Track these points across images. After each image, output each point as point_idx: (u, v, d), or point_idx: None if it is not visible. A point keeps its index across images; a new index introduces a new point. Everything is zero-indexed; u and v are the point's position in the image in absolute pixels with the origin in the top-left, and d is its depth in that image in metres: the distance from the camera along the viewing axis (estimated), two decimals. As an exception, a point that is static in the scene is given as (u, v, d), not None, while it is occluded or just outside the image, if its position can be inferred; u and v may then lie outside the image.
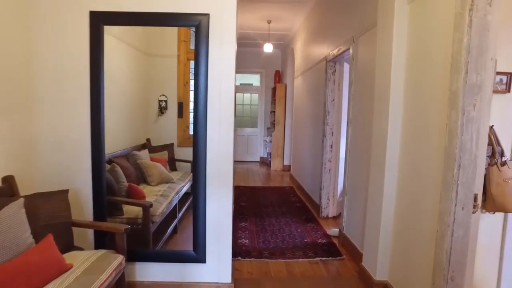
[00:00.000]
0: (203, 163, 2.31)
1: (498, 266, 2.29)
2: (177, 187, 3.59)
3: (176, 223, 3.53)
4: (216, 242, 2.42)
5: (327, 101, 4.28)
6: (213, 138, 2.26)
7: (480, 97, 1.66)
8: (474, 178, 1.71)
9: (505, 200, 1.99)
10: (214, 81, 2.18)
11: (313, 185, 4.98)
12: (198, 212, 2.39)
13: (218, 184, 2.37)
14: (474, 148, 1.69)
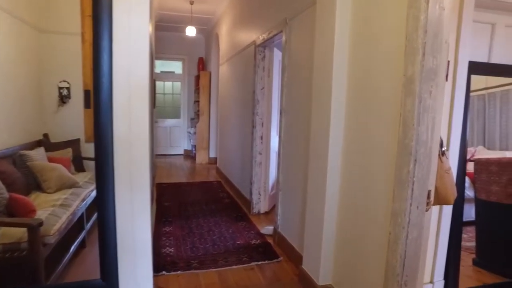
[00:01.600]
0: (108, 163, 1.77)
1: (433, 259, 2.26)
2: (83, 192, 2.94)
3: (84, 235, 2.89)
4: (131, 261, 1.93)
5: (256, 89, 3.98)
6: (121, 132, 1.74)
7: (436, 84, 1.49)
8: (428, 173, 1.55)
9: (447, 192, 1.91)
10: (121, 59, 1.67)
11: (242, 180, 4.69)
12: (104, 228, 1.85)
13: (131, 187, 1.86)
14: (430, 140, 1.52)
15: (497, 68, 2.45)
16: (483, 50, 2.45)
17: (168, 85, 8.72)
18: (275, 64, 4.01)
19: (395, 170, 1.59)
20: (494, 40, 2.47)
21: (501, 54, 2.49)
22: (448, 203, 1.93)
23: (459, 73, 2.12)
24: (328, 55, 2.10)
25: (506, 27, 2.49)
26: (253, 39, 4.06)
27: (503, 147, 2.98)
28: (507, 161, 2.73)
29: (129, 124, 1.73)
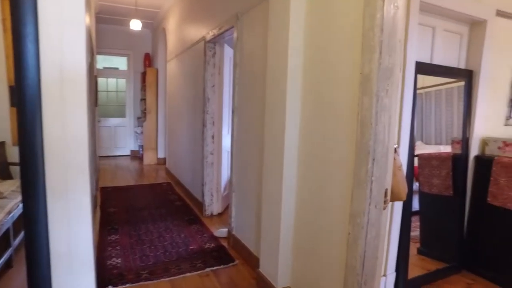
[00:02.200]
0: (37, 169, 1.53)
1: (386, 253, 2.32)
2: (9, 203, 2.59)
3: (11, 254, 2.54)
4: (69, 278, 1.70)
5: (207, 87, 3.83)
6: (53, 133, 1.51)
7: (391, 82, 1.49)
8: (386, 172, 1.56)
9: (399, 189, 1.95)
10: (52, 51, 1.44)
11: (193, 181, 4.51)
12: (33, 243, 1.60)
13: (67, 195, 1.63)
14: (387, 138, 1.52)
15: (440, 69, 2.58)
16: (426, 51, 2.56)
17: (112, 82, 8.17)
18: (226, 61, 3.89)
19: (353, 169, 1.57)
20: (435, 43, 2.59)
21: (440, 56, 2.63)
22: (401, 199, 1.97)
23: (408, 72, 2.19)
24: (282, 53, 2.04)
25: (444, 31, 2.63)
26: (202, 35, 3.90)
27: (438, 142, 3.16)
28: (446, 155, 2.90)
29: (63, 124, 1.51)
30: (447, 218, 2.97)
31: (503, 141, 2.75)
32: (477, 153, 2.85)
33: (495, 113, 2.97)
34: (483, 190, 2.75)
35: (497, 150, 2.78)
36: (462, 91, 2.79)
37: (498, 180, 2.64)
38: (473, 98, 2.74)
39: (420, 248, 3.09)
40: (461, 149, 2.82)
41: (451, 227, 2.92)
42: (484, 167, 2.75)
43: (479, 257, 2.80)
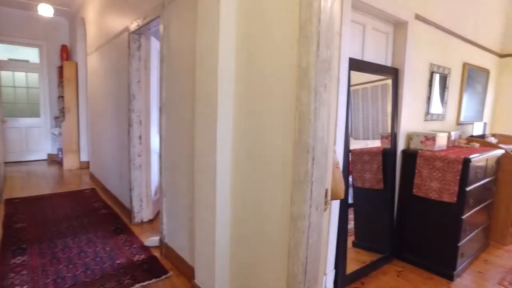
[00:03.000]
0: None
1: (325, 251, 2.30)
2: None
3: None
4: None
5: (132, 82, 3.48)
6: None
7: (330, 76, 1.41)
8: (326, 171, 1.48)
9: (337, 187, 1.92)
10: None
11: (120, 185, 4.10)
12: None
13: None
14: (326, 136, 1.44)
15: (370, 66, 2.64)
16: (357, 48, 2.60)
17: (20, 76, 7.14)
18: (153, 54, 3.58)
19: (292, 170, 1.47)
20: (366, 41, 2.64)
21: (370, 54, 2.69)
22: (339, 197, 1.94)
23: (342, 68, 2.17)
24: (213, 46, 1.86)
25: (373, 30, 2.70)
26: (126, 25, 3.52)
27: (365, 137, 3.28)
28: (377, 150, 3.01)
29: None
30: (379, 210, 3.08)
31: (424, 136, 2.93)
32: (404, 148, 2.99)
33: (417, 109, 3.16)
34: (409, 182, 2.90)
35: (420, 144, 2.95)
36: (385, 89, 2.90)
37: (422, 172, 2.80)
38: (399, 95, 2.87)
39: (355, 241, 3.16)
40: (390, 144, 2.94)
41: (382, 219, 3.03)
42: (410, 160, 2.90)
43: (407, 245, 2.96)
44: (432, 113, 3.34)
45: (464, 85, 3.79)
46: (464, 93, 3.82)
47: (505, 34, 4.65)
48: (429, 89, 3.23)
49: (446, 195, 2.63)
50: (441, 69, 3.33)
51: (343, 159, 2.33)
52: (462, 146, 3.28)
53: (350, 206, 3.18)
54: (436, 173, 2.69)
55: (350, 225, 3.21)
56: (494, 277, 2.77)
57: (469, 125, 4.08)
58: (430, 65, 3.17)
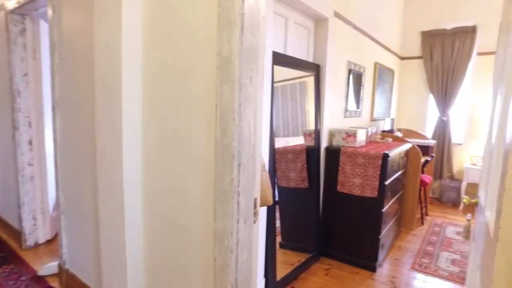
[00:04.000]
0: None
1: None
2: None
3: None
4: None
5: (15, 75, 2.83)
6: None
7: (256, 67, 1.21)
8: (254, 178, 1.27)
9: (266, 192, 1.74)
10: None
11: (6, 202, 3.36)
12: None
13: None
14: (253, 137, 1.24)
15: (294, 61, 2.53)
16: (280, 42, 2.47)
17: None
18: (45, 41, 2.97)
19: (214, 179, 1.23)
20: (288, 35, 2.53)
21: (293, 49, 2.59)
22: (267, 203, 1.76)
23: (265, 62, 2.00)
24: (114, 31, 1.51)
25: (295, 23, 2.61)
26: (1, 2, 2.85)
27: (286, 135, 3.23)
28: (301, 148, 2.94)
29: None
30: (305, 209, 3.03)
31: (346, 132, 2.96)
32: (327, 145, 2.99)
33: (338, 106, 3.19)
34: (333, 179, 2.90)
35: (342, 141, 2.97)
36: (303, 87, 2.86)
37: (345, 169, 2.82)
38: (321, 92, 2.84)
39: (282, 242, 3.07)
40: (314, 141, 2.90)
41: (308, 218, 2.99)
42: (333, 157, 2.90)
43: (333, 242, 2.96)
44: (350, 110, 3.42)
45: (376, 83, 4.00)
46: (376, 91, 4.04)
47: (404, 40, 5.10)
48: (347, 86, 3.29)
49: (368, 190, 2.68)
50: (357, 67, 3.43)
51: (269, 160, 2.17)
52: (378, 141, 3.44)
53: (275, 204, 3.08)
54: (358, 169, 2.73)
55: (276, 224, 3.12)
56: (408, 261, 2.94)
57: (380, 121, 4.35)
58: (348, 63, 3.23)
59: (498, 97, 1.31)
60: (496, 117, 1.30)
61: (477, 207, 1.54)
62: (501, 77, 1.25)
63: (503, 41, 1.43)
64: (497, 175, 1.11)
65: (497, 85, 1.42)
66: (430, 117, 5.02)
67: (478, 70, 4.59)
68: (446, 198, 4.68)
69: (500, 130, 1.13)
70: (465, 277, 2.68)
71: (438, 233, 3.59)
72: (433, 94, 4.80)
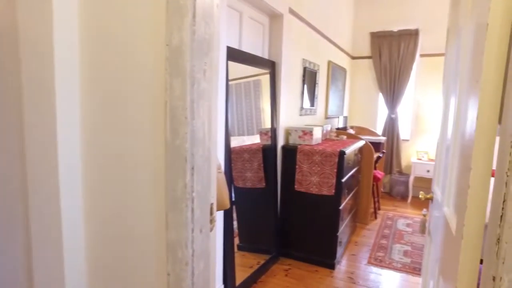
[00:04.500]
0: None
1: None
2: None
3: None
4: None
5: None
6: None
7: (210, 60, 1.10)
8: (209, 182, 1.17)
9: (222, 196, 1.64)
10: None
11: None
12: None
13: None
14: (207, 137, 1.13)
15: (249, 57, 2.45)
16: (234, 37, 2.37)
17: None
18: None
19: (165, 185, 1.10)
20: (243, 30, 2.45)
21: (247, 44, 2.51)
22: (225, 207, 1.66)
23: (220, 57, 1.89)
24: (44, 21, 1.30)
25: (250, 18, 2.53)
26: None
27: (241, 133, 3.18)
28: (257, 147, 2.88)
29: None
30: (262, 210, 2.97)
31: (302, 130, 2.94)
32: (283, 143, 2.95)
33: (293, 104, 3.17)
34: (291, 178, 2.87)
35: (298, 139, 2.95)
36: (257, 85, 2.81)
37: (302, 168, 2.80)
38: (277, 89, 2.79)
39: (240, 244, 2.99)
40: (270, 140, 2.84)
41: (266, 218, 2.93)
42: (290, 156, 2.87)
43: (292, 242, 2.93)
44: (305, 108, 3.43)
45: (330, 81, 4.06)
46: (330, 89, 4.10)
47: (354, 40, 5.26)
48: (302, 84, 3.29)
49: (325, 188, 2.68)
50: (312, 65, 3.44)
51: (224, 160, 2.07)
52: (333, 139, 3.48)
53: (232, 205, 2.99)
54: (315, 167, 2.72)
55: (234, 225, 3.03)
56: (364, 256, 3.01)
57: (334, 118, 4.43)
58: (303, 61, 3.22)
59: (452, 95, 1.33)
60: (451, 115, 1.32)
61: (432, 202, 1.57)
62: (455, 77, 1.27)
63: (452, 44, 1.47)
64: (455, 172, 1.11)
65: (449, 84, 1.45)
66: (380, 115, 5.23)
67: (421, 70, 4.86)
68: (396, 192, 4.91)
69: (457, 127, 1.14)
70: (417, 267, 2.80)
71: (390, 226, 3.73)
72: (382, 92, 5.00)
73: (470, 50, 1.02)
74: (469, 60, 1.02)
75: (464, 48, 1.14)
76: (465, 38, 1.13)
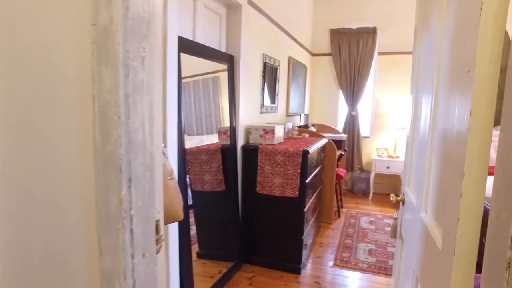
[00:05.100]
0: None
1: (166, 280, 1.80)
2: None
3: None
4: None
5: None
6: None
7: (150, 46, 0.89)
8: (153, 195, 0.96)
9: (174, 206, 1.42)
10: None
11: None
12: None
13: None
14: (149, 140, 0.92)
15: (205, 50, 2.24)
16: (188, 27, 2.15)
17: None
18: None
19: (96, 201, 0.88)
20: (197, 19, 2.23)
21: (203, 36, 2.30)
22: (177, 219, 1.45)
23: (170, 48, 1.67)
24: None
25: (205, 8, 2.32)
26: None
27: (200, 132, 3.00)
28: (215, 148, 2.68)
29: None
30: (223, 214, 2.78)
31: (263, 129, 2.79)
32: (244, 143, 2.78)
33: (254, 101, 3.01)
34: (252, 180, 2.70)
35: (259, 138, 2.79)
36: (216, 82, 2.63)
37: (264, 169, 2.65)
38: (236, 85, 2.61)
39: (200, 251, 2.78)
40: (229, 139, 2.66)
41: (228, 224, 2.75)
42: (251, 157, 2.71)
43: (256, 248, 2.77)
44: (266, 105, 3.28)
45: (290, 78, 3.95)
46: (291, 86, 3.99)
47: (314, 36, 5.22)
48: (263, 80, 3.13)
49: (289, 190, 2.55)
50: (272, 60, 3.30)
51: (178, 164, 1.86)
52: (296, 137, 3.37)
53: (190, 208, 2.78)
54: (278, 168, 2.58)
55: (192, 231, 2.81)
56: (330, 257, 2.93)
57: (296, 116, 4.34)
58: (263, 55, 3.07)
59: (425, 92, 1.23)
60: (423, 112, 1.22)
61: (403, 205, 1.48)
62: (429, 72, 1.17)
63: (421, 40, 1.38)
64: (435, 175, 1.00)
65: (420, 81, 1.36)
66: (341, 112, 5.24)
67: (379, 68, 4.93)
68: (357, 189, 4.94)
69: (435, 125, 1.03)
70: (382, 266, 2.76)
71: (353, 225, 3.70)
72: (343, 90, 5.01)
73: (451, 42, 0.90)
74: (450, 53, 0.91)
75: (441, 42, 1.03)
76: (440, 32, 1.03)
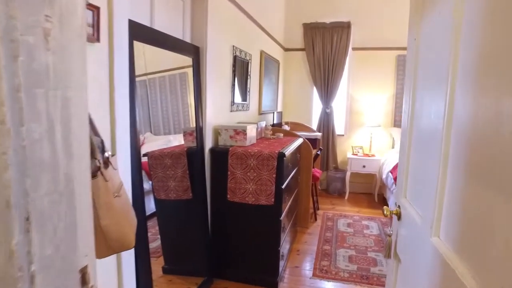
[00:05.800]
0: None
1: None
2: None
3: None
4: None
5: None
6: None
7: (60, 12, 0.59)
8: (75, 233, 0.66)
9: (122, 230, 1.13)
10: None
11: None
12: None
13: None
14: (63, 156, 0.62)
15: (164, 39, 1.94)
16: (144, 12, 1.84)
17: None
18: None
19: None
20: (155, 3, 1.92)
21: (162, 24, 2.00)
22: (128, 247, 1.16)
23: (118, 33, 1.36)
24: None
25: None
26: None
27: (167, 132, 2.73)
28: (180, 151, 2.39)
29: None
30: (190, 225, 2.50)
31: (234, 129, 2.53)
32: (212, 145, 2.50)
33: (223, 98, 2.73)
34: (222, 187, 2.44)
35: (229, 139, 2.53)
36: (183, 78, 2.35)
37: (235, 174, 2.39)
38: (202, 80, 2.32)
39: (165, 266, 2.48)
40: (196, 141, 2.37)
41: (195, 235, 2.47)
42: (220, 160, 2.44)
43: (228, 261, 2.51)
44: (237, 103, 3.02)
45: (263, 73, 3.71)
46: (263, 82, 3.75)
47: (287, 31, 5.01)
48: (233, 75, 2.86)
49: (263, 197, 2.30)
50: (243, 53, 3.04)
51: (132, 172, 1.55)
52: (269, 137, 3.13)
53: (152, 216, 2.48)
54: (251, 173, 2.33)
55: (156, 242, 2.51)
56: (308, 267, 2.73)
57: (269, 114, 4.11)
58: (233, 48, 2.80)
59: (427, 88, 1.01)
60: (425, 111, 1.01)
61: (398, 219, 1.26)
62: (439, 66, 0.95)
63: (419, 36, 1.19)
64: (456, 194, 0.78)
65: (421, 77, 1.15)
66: (315, 110, 5.07)
67: (353, 64, 4.79)
68: (332, 188, 4.79)
69: (450, 125, 0.81)
70: (364, 275, 2.58)
71: (331, 228, 3.53)
72: (316, 86, 4.84)
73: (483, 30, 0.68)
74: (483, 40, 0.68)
75: (458, 31, 0.81)
76: (458, 20, 0.81)
